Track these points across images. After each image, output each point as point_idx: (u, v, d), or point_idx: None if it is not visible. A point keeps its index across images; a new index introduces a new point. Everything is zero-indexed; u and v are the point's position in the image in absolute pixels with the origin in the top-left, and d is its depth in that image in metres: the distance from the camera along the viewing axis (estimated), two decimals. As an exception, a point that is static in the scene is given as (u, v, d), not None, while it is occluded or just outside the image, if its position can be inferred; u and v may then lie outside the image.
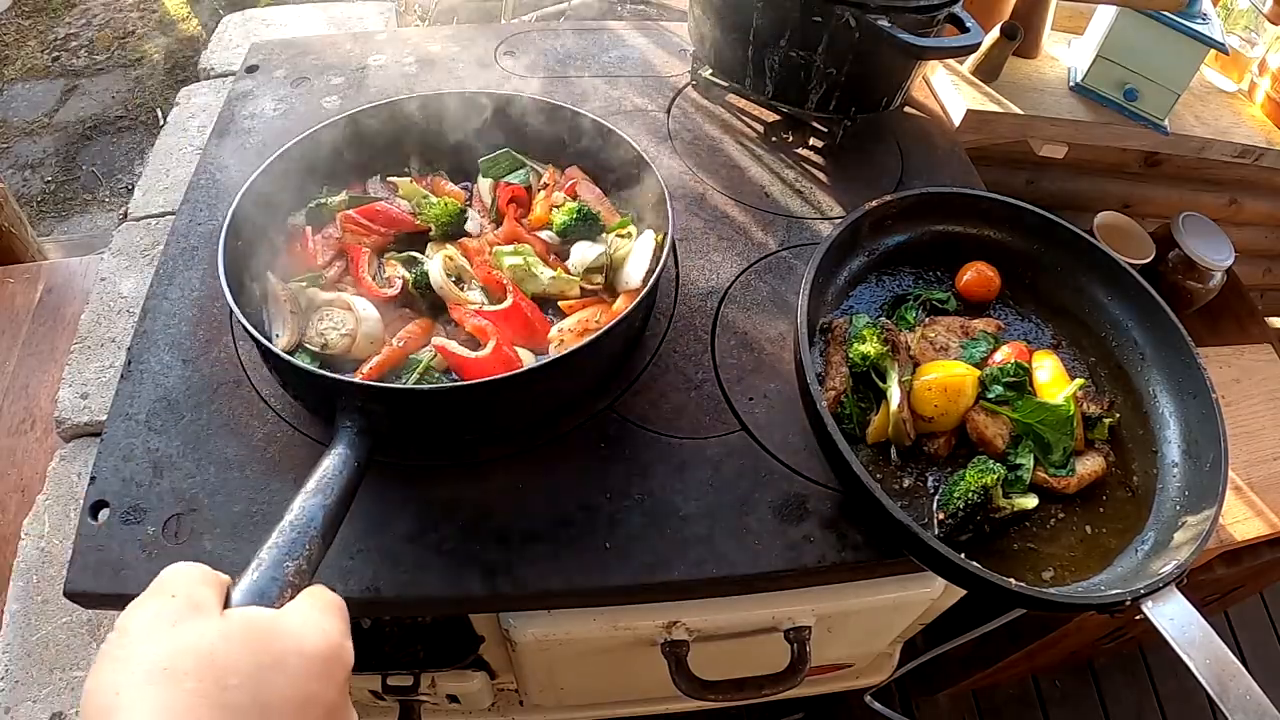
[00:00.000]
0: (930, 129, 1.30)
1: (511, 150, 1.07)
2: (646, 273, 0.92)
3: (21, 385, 1.40)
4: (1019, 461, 0.84)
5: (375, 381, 0.83)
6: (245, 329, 0.78)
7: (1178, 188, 1.67)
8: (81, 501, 0.82)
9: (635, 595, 0.82)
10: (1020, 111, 1.30)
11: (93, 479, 0.83)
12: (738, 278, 1.05)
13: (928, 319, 0.95)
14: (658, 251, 0.94)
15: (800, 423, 0.90)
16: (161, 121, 2.18)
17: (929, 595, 0.98)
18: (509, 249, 0.96)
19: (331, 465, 0.66)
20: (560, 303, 0.95)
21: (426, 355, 0.87)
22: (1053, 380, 0.88)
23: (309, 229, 0.97)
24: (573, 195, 1.03)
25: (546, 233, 1.00)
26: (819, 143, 1.25)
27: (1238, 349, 1.43)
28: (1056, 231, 0.99)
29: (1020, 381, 0.87)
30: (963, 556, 0.72)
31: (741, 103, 1.30)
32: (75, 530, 0.79)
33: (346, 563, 0.78)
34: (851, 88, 1.13)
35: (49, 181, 2.86)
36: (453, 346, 0.86)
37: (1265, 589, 1.98)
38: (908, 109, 1.33)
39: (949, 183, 1.20)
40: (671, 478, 0.86)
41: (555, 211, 0.99)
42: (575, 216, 0.97)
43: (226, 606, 0.47)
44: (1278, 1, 1.39)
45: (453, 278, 0.94)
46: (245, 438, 0.86)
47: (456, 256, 0.95)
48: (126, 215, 1.29)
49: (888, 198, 0.96)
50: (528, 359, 0.88)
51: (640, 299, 0.86)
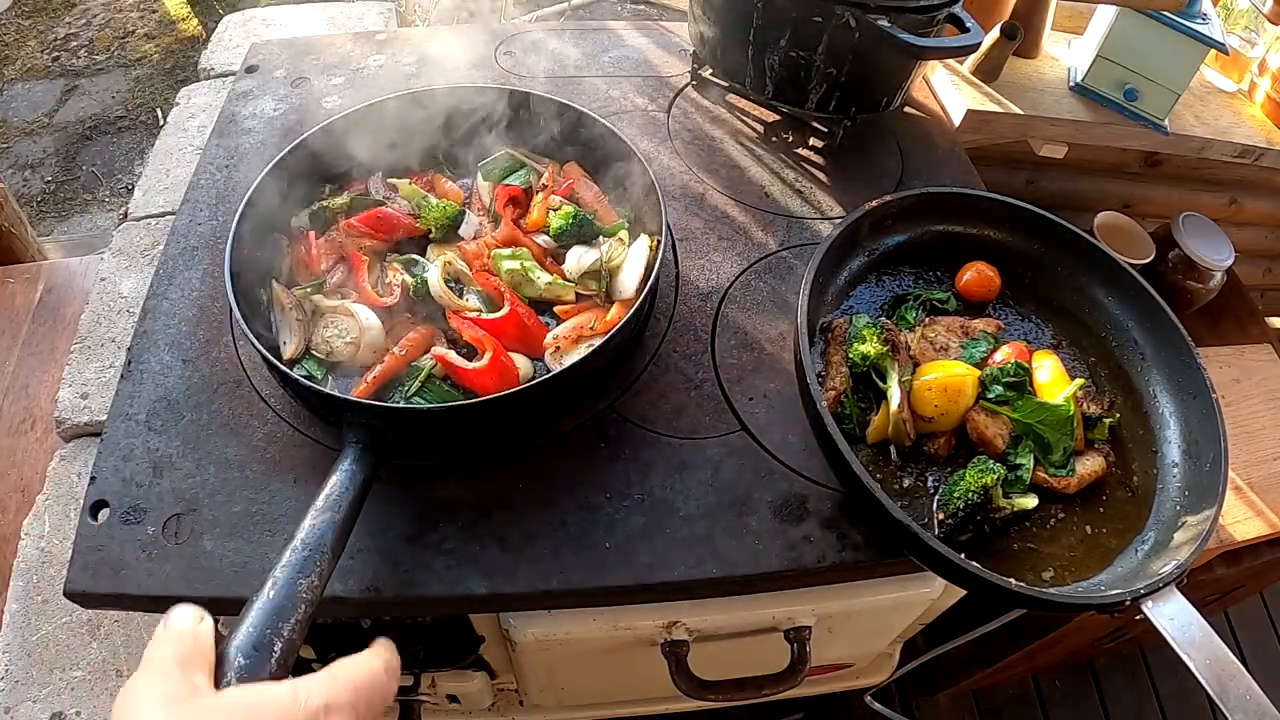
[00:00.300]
0: (930, 129, 1.30)
1: (510, 150, 1.07)
2: (641, 280, 0.93)
3: (21, 385, 1.40)
4: (1019, 461, 0.84)
5: (377, 401, 0.85)
6: (256, 348, 0.80)
7: (1178, 188, 1.67)
8: (81, 501, 0.82)
9: (635, 595, 0.82)
10: (1020, 111, 1.30)
11: (93, 479, 0.83)
12: (738, 278, 1.05)
13: (928, 319, 0.95)
14: (651, 259, 0.94)
15: (800, 423, 0.90)
16: (161, 121, 2.19)
17: (929, 595, 0.98)
18: (507, 253, 0.96)
19: (339, 481, 0.70)
20: (556, 307, 0.95)
21: (428, 363, 0.88)
22: (1053, 380, 0.88)
23: (312, 233, 0.97)
24: (570, 195, 1.03)
25: (543, 237, 1.00)
26: (819, 143, 1.25)
27: (1238, 349, 1.43)
28: (1056, 231, 0.99)
29: (1020, 381, 0.87)
30: (963, 556, 0.71)
31: (741, 103, 1.30)
32: (75, 530, 0.79)
33: (347, 563, 0.78)
34: (851, 88, 1.13)
35: (49, 181, 2.86)
36: (451, 356, 0.88)
37: (1265, 589, 1.98)
38: (908, 109, 1.33)
39: (949, 183, 1.20)
40: (671, 478, 0.86)
41: (552, 215, 0.99)
42: (571, 221, 0.97)
43: (221, 665, 0.49)
44: (1278, 1, 1.39)
45: (451, 281, 0.94)
46: (245, 438, 0.87)
47: (455, 261, 0.95)
48: (126, 215, 1.30)
49: (888, 198, 0.96)
50: (523, 365, 0.90)
51: (634, 310, 0.87)
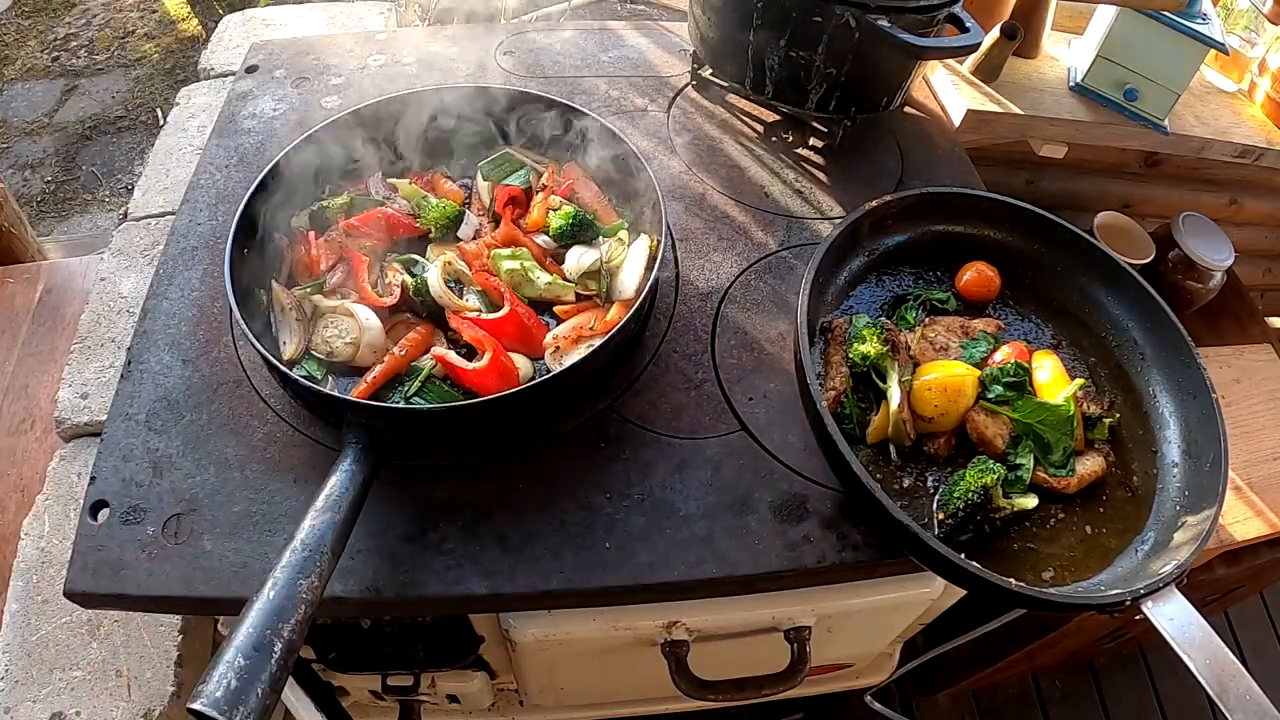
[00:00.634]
0: (930, 129, 1.30)
1: (510, 150, 1.07)
2: (640, 280, 0.93)
3: (21, 385, 1.40)
4: (1019, 461, 0.84)
5: (377, 402, 0.85)
6: (256, 349, 0.80)
7: (1178, 188, 1.67)
8: (81, 501, 0.82)
9: (635, 595, 0.82)
10: (1020, 111, 1.30)
11: (93, 479, 0.83)
12: (738, 278, 1.05)
13: (928, 319, 0.95)
14: (651, 259, 0.94)
15: (800, 423, 0.90)
16: (161, 121, 2.18)
17: (929, 595, 0.98)
18: (506, 253, 0.96)
19: (339, 481, 0.70)
20: (556, 307, 0.95)
21: (428, 363, 0.88)
22: (1053, 380, 0.88)
23: (312, 233, 0.97)
24: (570, 195, 1.03)
25: (543, 237, 1.00)
26: (819, 143, 1.25)
27: (1238, 349, 1.43)
28: (1056, 231, 0.99)
29: (1020, 381, 0.87)
30: (963, 556, 0.72)
31: (741, 103, 1.30)
32: (75, 530, 0.79)
33: (347, 563, 0.78)
34: (851, 88, 1.13)
35: (49, 181, 2.86)
36: (451, 356, 0.87)
37: (1265, 589, 1.98)
38: (908, 109, 1.33)
39: (949, 183, 1.20)
40: (671, 478, 0.86)
41: (551, 215, 0.99)
42: (571, 221, 0.97)
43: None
44: (1278, 1, 1.39)
45: (451, 281, 0.94)
46: (245, 438, 0.87)
47: (455, 261, 0.95)
48: (126, 215, 1.29)
49: (888, 198, 0.96)
50: (523, 365, 0.90)
51: (634, 310, 0.87)
